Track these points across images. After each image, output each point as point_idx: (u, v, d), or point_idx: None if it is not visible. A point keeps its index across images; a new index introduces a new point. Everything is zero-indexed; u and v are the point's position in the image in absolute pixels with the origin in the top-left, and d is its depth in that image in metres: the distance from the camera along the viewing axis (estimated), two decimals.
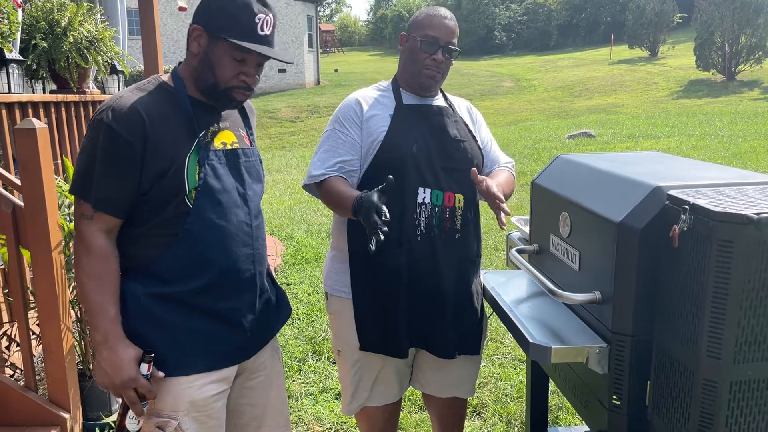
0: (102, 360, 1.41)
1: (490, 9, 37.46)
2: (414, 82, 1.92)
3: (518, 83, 23.53)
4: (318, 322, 3.96)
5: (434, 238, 1.86)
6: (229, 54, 1.43)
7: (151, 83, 1.49)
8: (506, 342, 3.62)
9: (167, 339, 1.46)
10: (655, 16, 24.36)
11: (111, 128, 1.37)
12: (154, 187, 1.42)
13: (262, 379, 1.69)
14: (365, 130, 1.88)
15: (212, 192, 1.47)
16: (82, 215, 1.42)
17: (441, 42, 1.87)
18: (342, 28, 50.76)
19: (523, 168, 9.02)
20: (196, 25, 1.45)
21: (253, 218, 1.58)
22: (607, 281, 1.51)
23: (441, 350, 1.91)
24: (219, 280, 1.50)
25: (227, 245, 1.50)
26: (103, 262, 1.41)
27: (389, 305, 1.87)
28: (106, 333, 1.40)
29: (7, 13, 2.90)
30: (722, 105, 15.93)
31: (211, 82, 1.46)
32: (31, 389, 2.48)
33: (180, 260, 1.46)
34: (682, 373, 1.34)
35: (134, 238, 1.46)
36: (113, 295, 1.42)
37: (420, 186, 1.84)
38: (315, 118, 17.58)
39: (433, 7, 1.95)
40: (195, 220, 1.45)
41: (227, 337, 1.54)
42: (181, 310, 1.47)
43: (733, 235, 1.20)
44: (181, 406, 1.48)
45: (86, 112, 4.00)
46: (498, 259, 5.12)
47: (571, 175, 1.88)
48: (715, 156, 8.95)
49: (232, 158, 1.54)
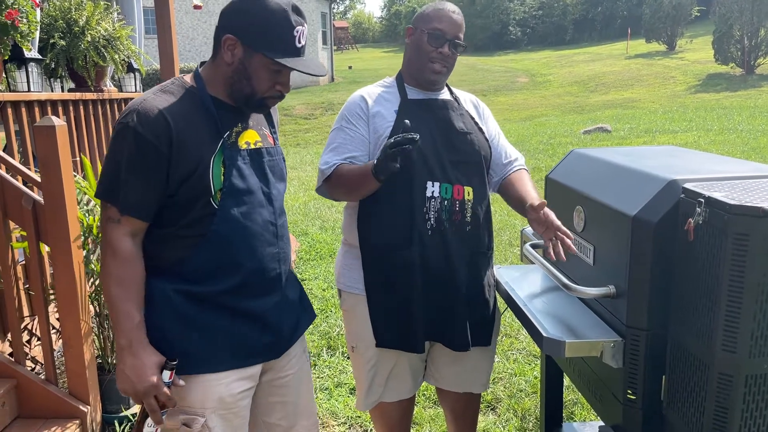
0: (125, 366, 1.41)
1: (505, 4, 37.22)
2: (420, 76, 1.92)
3: (533, 79, 23.38)
4: (332, 317, 3.98)
5: (445, 232, 1.86)
6: (267, 66, 1.44)
7: (174, 84, 1.49)
8: (521, 338, 3.61)
9: (196, 336, 1.47)
10: (672, 10, 24.03)
11: (137, 132, 1.37)
12: (180, 189, 1.42)
13: (291, 377, 1.69)
14: (371, 126, 1.89)
15: (237, 192, 1.47)
16: (109, 219, 1.42)
17: (448, 35, 1.87)
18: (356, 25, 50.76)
19: (538, 164, 8.98)
20: (231, 36, 1.43)
21: (277, 217, 1.58)
22: (621, 275, 1.51)
23: (455, 342, 1.91)
24: (246, 280, 1.50)
25: (253, 245, 1.50)
26: (129, 265, 1.42)
27: (403, 301, 1.87)
28: (130, 338, 1.40)
29: (26, 12, 2.95)
30: (741, 99, 15.70)
31: (248, 92, 1.47)
32: (51, 382, 2.53)
33: (208, 261, 1.46)
34: (697, 367, 1.33)
35: (162, 238, 1.47)
36: (138, 300, 1.43)
37: (428, 180, 1.84)
38: (329, 115, 17.61)
39: (441, 2, 1.95)
40: (221, 221, 1.45)
41: (254, 335, 1.54)
42: (210, 308, 1.48)
43: (748, 228, 1.20)
44: (208, 403, 1.48)
45: (104, 110, 4.05)
46: (513, 255, 5.10)
47: (585, 169, 1.88)
48: (734, 151, 8.83)
49: (256, 158, 1.54)
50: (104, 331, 2.80)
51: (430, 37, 1.87)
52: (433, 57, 1.88)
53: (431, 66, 1.89)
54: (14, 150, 3.09)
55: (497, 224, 5.95)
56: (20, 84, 3.36)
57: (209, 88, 1.50)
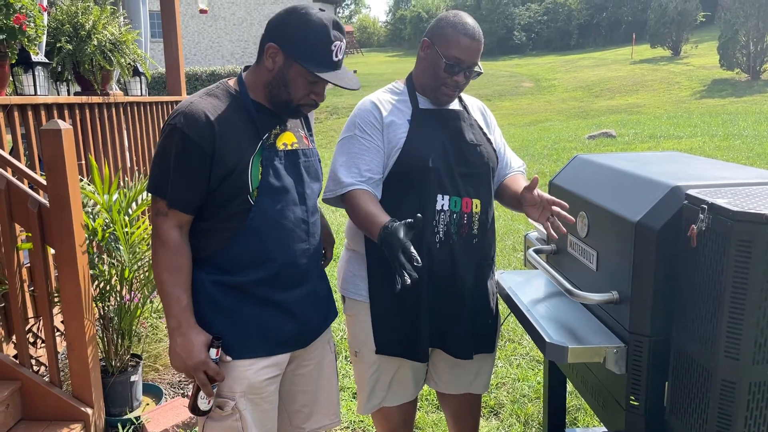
0: (176, 345, 1.52)
1: (510, 9, 37.25)
2: (431, 95, 1.90)
3: (538, 83, 23.37)
4: (336, 321, 3.98)
5: (453, 245, 1.86)
6: (304, 76, 1.53)
7: (219, 89, 1.59)
8: (524, 343, 3.61)
9: (229, 323, 1.57)
10: (677, 15, 23.99)
11: (184, 133, 1.48)
12: (221, 186, 1.52)
13: (312, 367, 1.78)
14: (385, 137, 1.86)
15: (273, 190, 1.56)
16: (158, 212, 1.54)
17: (464, 65, 1.82)
18: (361, 29, 50.87)
19: (542, 168, 8.97)
20: (273, 44, 1.52)
21: (310, 215, 1.66)
22: (624, 281, 1.51)
23: (459, 351, 1.92)
24: (277, 273, 1.59)
25: (285, 241, 1.60)
26: (177, 254, 1.53)
27: (409, 311, 1.87)
28: (179, 320, 1.52)
29: (33, 16, 2.97)
30: (746, 105, 15.65)
31: (285, 99, 1.57)
32: (55, 385, 2.54)
33: (242, 253, 1.56)
34: (700, 373, 1.33)
35: (201, 231, 1.57)
36: (186, 285, 1.54)
37: (439, 193, 1.84)
38: (334, 119, 17.64)
39: (462, 19, 1.83)
40: (256, 217, 1.55)
41: (283, 325, 1.63)
42: (242, 297, 1.58)
43: (752, 234, 1.19)
44: (238, 387, 1.58)
45: (109, 114, 4.07)
46: (516, 260, 5.10)
47: (589, 174, 1.88)
48: (739, 156, 8.80)
49: (293, 158, 1.63)
50: (108, 334, 2.81)
51: (447, 65, 1.81)
52: (447, 83, 1.85)
53: (443, 90, 1.87)
54: (20, 153, 3.10)
55: (501, 229, 5.95)
56: (27, 87, 3.38)
57: (251, 92, 1.60)
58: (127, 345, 2.86)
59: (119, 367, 2.80)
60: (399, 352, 1.92)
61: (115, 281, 2.79)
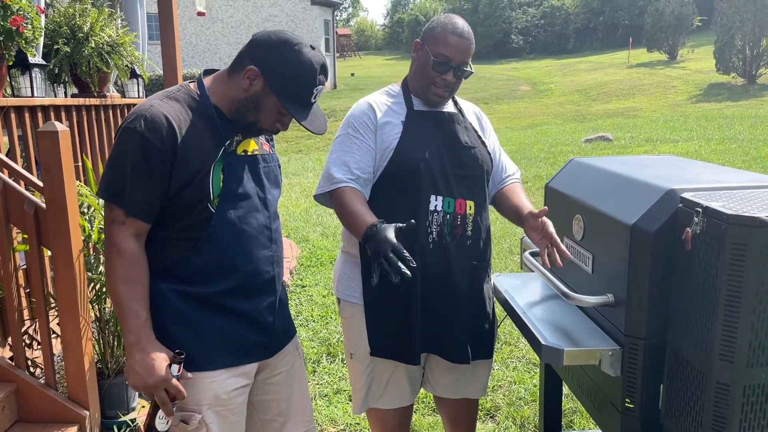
0: (134, 362, 1.44)
1: (507, 13, 37.35)
2: (423, 95, 1.92)
3: (535, 87, 23.43)
4: (332, 324, 3.98)
5: (446, 246, 1.86)
6: (277, 108, 1.50)
7: (180, 92, 1.52)
8: (520, 345, 3.61)
9: (193, 335, 1.51)
10: (674, 20, 24.09)
11: (143, 137, 1.41)
12: (180, 193, 1.46)
13: (283, 375, 1.73)
14: (379, 137, 1.88)
15: (234, 197, 1.52)
16: (114, 220, 1.46)
17: (453, 63, 1.84)
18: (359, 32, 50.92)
19: (539, 172, 8.98)
20: (255, 68, 1.46)
21: (272, 221, 1.63)
22: (620, 284, 1.51)
23: (455, 356, 1.91)
24: (242, 282, 1.54)
25: (249, 248, 1.55)
26: (134, 265, 1.45)
27: (402, 313, 1.87)
28: (138, 335, 1.44)
29: (31, 18, 2.97)
30: (742, 109, 15.71)
31: (251, 121, 1.52)
32: (51, 387, 2.53)
33: (204, 263, 1.50)
34: (695, 376, 1.33)
35: (160, 241, 1.50)
36: (144, 298, 1.46)
37: (432, 194, 1.84)
38: (332, 122, 17.65)
39: (451, 19, 1.87)
40: (218, 225, 1.49)
41: (249, 335, 1.58)
42: (206, 308, 1.52)
43: (746, 237, 1.20)
44: (204, 400, 1.52)
45: (106, 116, 4.07)
46: (513, 263, 5.10)
47: (585, 178, 1.89)
48: (735, 160, 8.83)
49: (253, 164, 1.59)
50: (104, 336, 2.80)
51: (435, 63, 1.84)
52: (436, 82, 1.87)
53: (434, 89, 1.88)
54: (17, 154, 3.10)
55: (497, 232, 5.96)
56: (24, 89, 3.38)
57: (213, 97, 1.53)
58: (123, 347, 2.86)
59: (115, 369, 2.79)
60: (392, 355, 1.92)
61: None
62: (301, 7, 23.53)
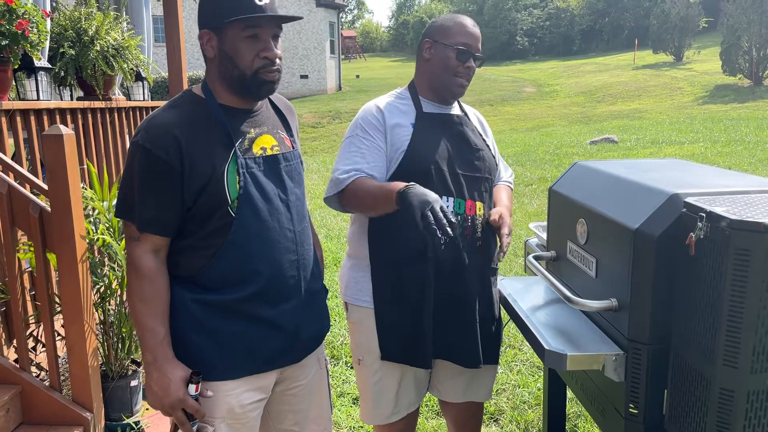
0: (152, 381, 1.44)
1: (513, 14, 37.33)
2: (445, 90, 1.92)
3: (540, 89, 23.39)
4: (336, 326, 3.97)
5: (458, 247, 1.86)
6: (240, 36, 1.42)
7: (183, 98, 1.51)
8: (524, 349, 3.60)
9: (213, 344, 1.48)
10: (680, 21, 24.04)
11: (146, 149, 1.39)
12: (197, 201, 1.43)
13: (302, 388, 1.69)
14: (389, 139, 1.87)
15: (253, 200, 1.47)
16: (130, 237, 1.45)
17: (473, 50, 1.89)
18: (364, 34, 50.98)
19: (544, 174, 8.97)
20: (203, 30, 1.46)
21: (296, 223, 1.57)
22: (623, 288, 1.50)
23: (467, 360, 1.91)
24: (264, 287, 1.50)
25: (271, 253, 1.50)
26: (152, 283, 1.43)
27: (415, 315, 1.86)
28: (155, 354, 1.43)
29: (36, 22, 2.98)
30: (749, 110, 15.65)
31: (237, 74, 1.45)
32: (55, 389, 2.54)
33: (226, 270, 1.47)
34: (699, 382, 1.32)
35: (181, 249, 1.48)
36: (162, 316, 1.44)
37: (444, 195, 1.84)
38: (336, 123, 17.68)
39: (457, 14, 1.96)
40: (239, 230, 1.46)
41: (271, 342, 1.54)
42: (227, 316, 1.49)
43: (750, 243, 1.19)
44: (218, 412, 1.50)
45: (111, 119, 4.08)
46: (517, 265, 5.09)
47: (589, 181, 1.88)
48: (741, 162, 8.79)
49: (272, 164, 1.53)
50: (108, 339, 2.81)
51: (459, 53, 1.87)
52: (459, 72, 1.89)
53: (457, 80, 1.90)
54: (23, 158, 3.12)
55: None
56: (30, 92, 3.39)
57: (217, 97, 1.51)
58: (127, 350, 2.87)
59: (119, 371, 2.80)
60: (404, 359, 1.92)
61: (116, 286, 2.80)
62: (306, 9, 23.58)
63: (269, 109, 1.63)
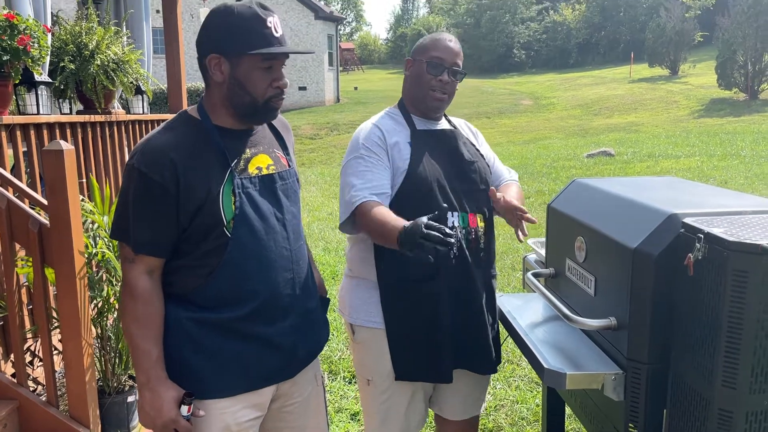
0: (144, 402, 1.45)
1: (510, 28, 37.57)
2: (422, 105, 1.95)
3: (537, 101, 23.50)
4: (334, 341, 3.96)
5: (466, 259, 1.88)
6: (256, 67, 1.44)
7: (178, 120, 1.51)
8: (523, 364, 3.60)
9: (207, 362, 1.49)
10: (675, 35, 24.21)
11: (141, 172, 1.40)
12: (193, 222, 1.44)
13: (298, 405, 1.69)
14: (391, 157, 1.89)
15: (249, 220, 1.48)
16: (125, 258, 1.46)
17: (446, 63, 1.91)
18: (362, 47, 51.21)
19: (541, 187, 9.00)
20: (213, 54, 1.45)
21: (292, 242, 1.58)
22: (622, 307, 1.51)
23: (484, 367, 1.93)
24: (260, 307, 1.51)
25: (267, 272, 1.51)
26: (147, 304, 1.44)
27: (431, 332, 1.85)
28: (148, 375, 1.44)
29: (38, 37, 3.00)
30: (745, 124, 15.73)
31: (248, 101, 1.47)
32: (52, 405, 2.52)
33: (222, 289, 1.48)
34: (698, 402, 1.33)
35: (178, 269, 1.49)
36: (156, 337, 1.45)
37: (449, 210, 1.87)
38: (334, 135, 17.71)
39: (438, 32, 2.00)
40: (235, 249, 1.46)
41: (267, 359, 1.54)
42: (223, 335, 1.49)
43: (747, 265, 1.20)
44: (214, 430, 1.50)
45: (111, 132, 4.09)
46: (515, 279, 5.09)
47: (587, 199, 1.89)
48: (737, 177, 8.83)
49: (268, 183, 1.54)
50: (106, 354, 2.80)
51: (429, 65, 1.90)
52: (433, 85, 1.91)
53: (432, 94, 1.92)
54: (22, 171, 3.12)
55: (500, 248, 5.95)
56: (30, 106, 3.40)
57: (213, 117, 1.51)
58: (125, 365, 2.86)
59: (116, 387, 2.79)
60: (421, 376, 1.91)
61: (114, 301, 2.79)
62: (305, 21, 23.72)
63: (265, 128, 1.64)
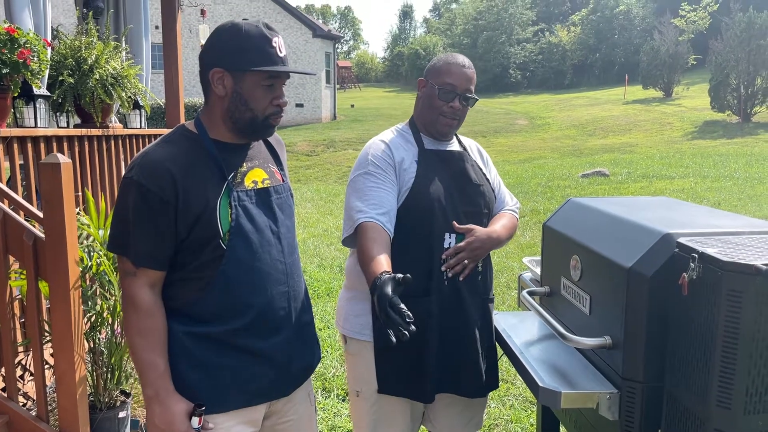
0: (154, 416, 1.43)
1: (506, 48, 37.97)
2: (431, 128, 1.96)
3: (532, 121, 23.67)
4: (328, 358, 3.94)
5: (459, 282, 1.88)
6: (259, 84, 1.47)
7: (176, 134, 1.53)
8: (517, 383, 3.58)
9: (203, 377, 1.48)
10: (669, 58, 24.51)
11: (141, 185, 1.41)
12: (190, 235, 1.45)
13: (293, 421, 1.68)
14: (398, 174, 1.89)
15: (245, 232, 1.49)
16: (126, 272, 1.46)
17: (458, 90, 1.90)
18: (359, 65, 51.60)
19: (536, 206, 9.03)
20: (217, 69, 1.47)
21: (287, 255, 1.59)
22: (617, 326, 1.51)
23: (470, 391, 1.92)
24: (255, 320, 1.51)
25: (262, 285, 1.52)
26: (150, 317, 1.44)
27: (417, 350, 1.85)
28: (156, 388, 1.43)
29: (38, 51, 3.02)
30: (737, 146, 15.87)
31: (249, 116, 1.50)
32: (42, 419, 2.50)
33: (217, 302, 1.48)
34: (693, 422, 1.33)
35: (174, 281, 1.49)
36: (162, 349, 1.45)
37: (446, 231, 1.87)
38: (331, 152, 17.76)
39: (452, 54, 1.98)
40: (230, 262, 1.47)
41: (262, 374, 1.54)
42: (217, 348, 1.49)
43: (742, 285, 1.21)
44: None
45: (108, 146, 4.10)
46: (510, 298, 5.09)
47: (582, 218, 1.90)
48: (731, 198, 8.89)
49: (264, 197, 1.56)
50: (98, 369, 2.77)
51: (441, 91, 1.90)
52: (444, 111, 1.92)
53: (442, 119, 1.93)
54: (18, 184, 3.11)
55: (495, 266, 5.94)
56: (27, 120, 3.41)
57: (210, 132, 1.53)
58: (117, 380, 2.83)
59: (108, 402, 2.76)
60: (403, 392, 1.90)
61: (107, 314, 2.78)
62: (302, 39, 23.89)
63: (260, 143, 1.67)
